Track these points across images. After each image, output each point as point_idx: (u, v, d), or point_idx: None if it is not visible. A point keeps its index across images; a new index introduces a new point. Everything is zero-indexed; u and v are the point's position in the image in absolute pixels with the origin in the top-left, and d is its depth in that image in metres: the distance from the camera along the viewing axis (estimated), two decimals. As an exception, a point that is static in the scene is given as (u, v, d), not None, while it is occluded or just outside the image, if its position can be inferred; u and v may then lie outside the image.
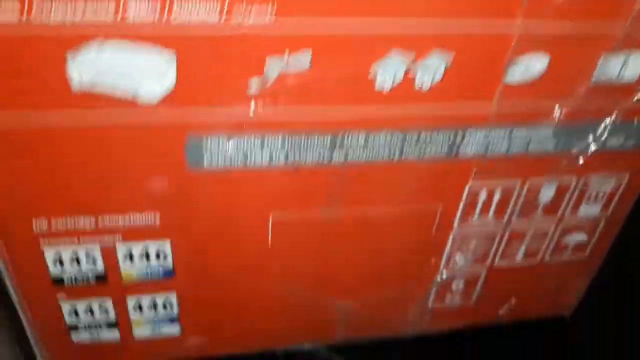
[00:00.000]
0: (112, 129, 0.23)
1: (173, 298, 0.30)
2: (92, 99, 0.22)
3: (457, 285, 0.34)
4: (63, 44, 0.20)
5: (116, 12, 0.20)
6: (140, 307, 0.30)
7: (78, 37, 0.20)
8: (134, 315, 0.31)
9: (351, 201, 0.28)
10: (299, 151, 0.25)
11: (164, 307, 0.31)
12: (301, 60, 0.23)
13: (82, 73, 0.21)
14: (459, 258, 0.32)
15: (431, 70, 0.24)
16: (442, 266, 0.33)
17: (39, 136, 0.23)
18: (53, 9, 0.19)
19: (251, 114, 0.24)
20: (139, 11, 0.20)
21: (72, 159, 0.24)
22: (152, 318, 0.31)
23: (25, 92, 0.21)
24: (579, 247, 0.34)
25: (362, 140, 0.26)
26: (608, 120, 0.28)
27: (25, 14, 0.19)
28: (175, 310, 0.31)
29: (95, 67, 0.21)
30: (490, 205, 0.30)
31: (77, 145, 0.23)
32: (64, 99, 0.22)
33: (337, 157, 0.26)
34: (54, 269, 0.27)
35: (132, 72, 0.22)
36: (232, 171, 0.26)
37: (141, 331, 0.32)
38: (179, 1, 0.20)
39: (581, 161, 0.29)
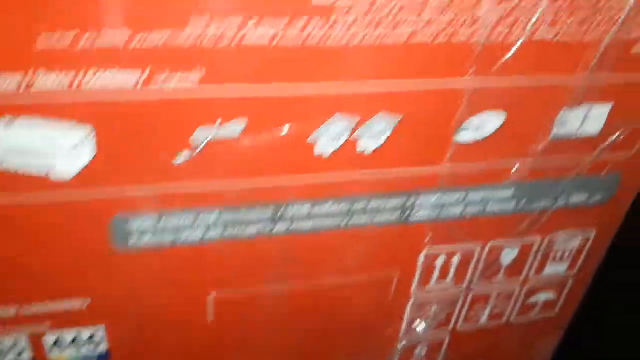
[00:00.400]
0: (28, 209, 0.21)
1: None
2: (3, 179, 0.20)
3: (420, 351, 0.32)
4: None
5: (21, 83, 0.18)
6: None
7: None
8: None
9: (299, 273, 0.26)
10: (236, 225, 0.23)
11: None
12: (233, 128, 0.21)
13: (-17, 153, 0.19)
14: (419, 324, 0.30)
15: (376, 133, 0.22)
16: (402, 333, 0.30)
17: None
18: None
19: (180, 188, 0.22)
20: (46, 80, 0.18)
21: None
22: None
23: None
24: (547, 305, 0.32)
25: (306, 210, 0.24)
26: (570, 177, 0.27)
27: None
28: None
29: (3, 146, 0.19)
30: (448, 270, 0.28)
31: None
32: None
33: (280, 228, 0.24)
34: (-32, 362, 0.24)
35: (45, 149, 0.20)
36: (163, 249, 0.23)
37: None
38: (93, 67, 0.18)
39: (544, 220, 0.28)
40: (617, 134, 0.25)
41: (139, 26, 0.18)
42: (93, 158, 0.20)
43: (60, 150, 0.20)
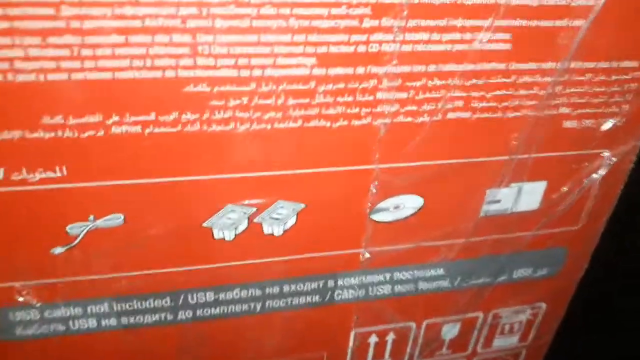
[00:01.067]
0: None
1: None
2: None
3: None
4: None
5: None
6: None
7: None
8: None
9: (217, 357, 0.24)
10: (133, 314, 0.22)
11: None
12: (111, 222, 0.19)
13: None
14: (357, 404, 0.28)
15: (279, 220, 0.20)
16: (341, 412, 0.28)
17: None
18: None
19: (64, 279, 0.20)
20: None
21: None
22: None
23: None
24: (501, 378, 0.30)
25: (211, 298, 0.22)
26: (509, 253, 0.24)
27: None
28: None
29: None
30: (384, 349, 0.26)
31: None
32: None
33: (184, 316, 0.22)
34: None
35: None
36: (55, 338, 0.22)
37: None
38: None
39: (486, 296, 0.26)
40: (557, 209, 0.23)
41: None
42: (-41, 255, 0.18)
43: None
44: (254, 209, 0.20)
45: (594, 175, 0.23)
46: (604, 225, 0.25)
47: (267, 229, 0.21)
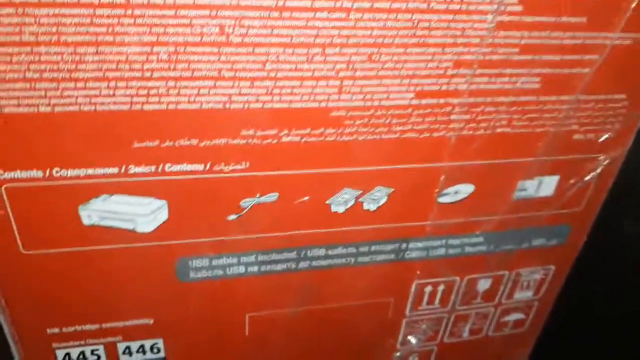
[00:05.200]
0: (116, 252, 0.28)
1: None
2: (99, 231, 0.27)
3: (413, 359, 0.39)
4: (75, 196, 0.26)
5: (120, 167, 0.25)
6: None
7: (87, 190, 0.25)
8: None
9: (316, 299, 0.33)
10: (269, 264, 0.31)
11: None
12: (270, 197, 0.28)
13: (91, 216, 0.26)
14: (412, 338, 0.37)
15: (375, 200, 0.29)
16: (398, 344, 0.38)
17: (57, 260, 0.28)
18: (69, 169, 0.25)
19: (229, 238, 0.29)
20: (137, 169, 0.25)
21: (81, 278, 0.28)
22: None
23: (47, 227, 0.26)
24: (518, 323, 0.39)
25: (322, 253, 0.31)
26: (531, 227, 0.33)
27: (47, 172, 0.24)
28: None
29: (101, 212, 0.26)
30: (435, 297, 0.35)
31: (86, 268, 0.28)
32: (76, 232, 0.27)
33: (302, 266, 0.31)
34: (63, 364, 0.32)
35: (132, 215, 0.27)
36: (215, 281, 0.31)
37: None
38: (173, 160, 0.25)
39: (511, 258, 0.35)
40: (566, 196, 0.32)
41: (204, 136, 0.25)
42: (166, 220, 0.27)
43: (143, 215, 0.27)
44: (360, 192, 0.29)
45: (593, 172, 0.32)
46: (599, 207, 0.34)
47: (366, 206, 0.29)
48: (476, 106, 0.27)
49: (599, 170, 0.32)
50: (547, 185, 0.32)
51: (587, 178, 0.32)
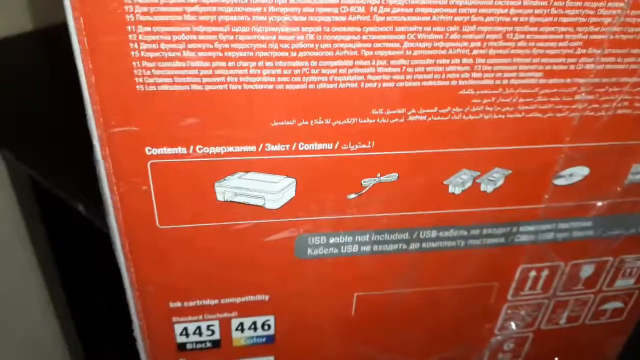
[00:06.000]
0: (244, 228, 0.29)
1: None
2: (231, 207, 0.28)
3: (509, 346, 0.39)
4: (213, 173, 0.27)
5: (257, 146, 0.26)
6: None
7: (225, 168, 0.27)
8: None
9: (423, 281, 0.34)
10: (381, 244, 0.31)
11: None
12: (390, 177, 0.29)
13: (225, 193, 0.28)
14: (511, 324, 0.37)
15: (492, 181, 0.30)
16: (497, 329, 0.38)
17: (188, 236, 0.29)
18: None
19: (347, 217, 0.30)
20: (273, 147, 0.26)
21: (208, 254, 0.30)
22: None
23: (183, 203, 0.28)
24: (616, 312, 0.39)
25: (434, 235, 0.31)
26: (640, 212, 0.33)
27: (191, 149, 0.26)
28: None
29: (235, 189, 0.28)
30: (538, 282, 0.35)
31: (214, 245, 0.29)
32: (209, 208, 0.28)
33: (413, 247, 0.32)
34: (179, 338, 0.33)
35: (262, 192, 0.28)
36: (329, 259, 0.31)
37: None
38: (306, 140, 0.26)
39: (618, 244, 0.34)
40: (682, 179, 0.32)
41: (337, 116, 0.26)
42: (293, 197, 0.28)
43: (273, 192, 0.28)
44: (478, 173, 0.29)
45: None
46: None
47: (483, 187, 0.30)
48: (601, 86, 0.27)
49: None
50: (662, 169, 0.32)
51: (703, 162, 0.32)
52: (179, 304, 0.32)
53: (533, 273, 0.35)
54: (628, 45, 0.26)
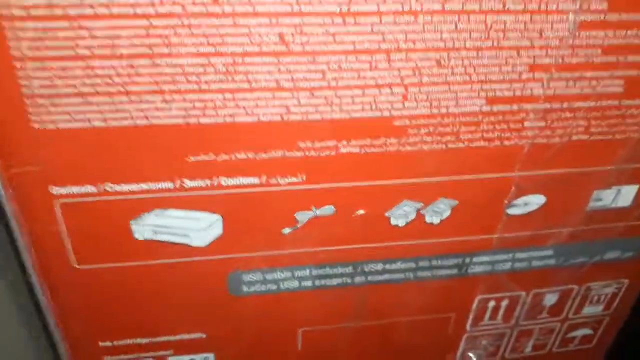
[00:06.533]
0: (169, 267, 0.27)
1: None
2: (153, 245, 0.26)
3: (472, 374, 0.37)
4: (128, 211, 0.25)
5: (174, 182, 0.24)
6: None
7: (140, 205, 0.25)
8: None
9: (373, 314, 0.32)
10: (324, 278, 0.29)
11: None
12: (326, 210, 0.26)
13: (143, 232, 0.26)
14: (471, 354, 0.35)
15: (438, 212, 0.27)
16: (458, 359, 0.36)
17: (110, 275, 0.27)
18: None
19: (283, 252, 0.28)
20: (192, 183, 0.24)
21: (134, 292, 0.28)
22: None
23: (101, 243, 0.26)
24: (585, 339, 0.37)
25: (380, 268, 0.29)
26: (605, 239, 0.31)
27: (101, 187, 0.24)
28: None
29: (154, 227, 0.26)
30: (498, 312, 0.33)
31: (139, 282, 0.27)
32: (129, 247, 0.26)
33: (359, 280, 0.30)
34: (114, 376, 0.32)
35: (186, 229, 0.26)
36: (267, 295, 0.29)
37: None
38: (228, 174, 0.24)
39: (582, 272, 0.32)
40: (646, 206, 0.29)
41: (260, 149, 0.24)
42: (221, 234, 0.26)
43: (198, 230, 0.26)
44: (421, 204, 0.27)
45: (678, 181, 0.29)
46: (682, 219, 0.31)
47: (428, 219, 0.28)
48: (552, 112, 0.25)
49: (684, 179, 0.29)
50: (626, 195, 0.29)
51: (670, 187, 0.29)
52: (109, 343, 0.30)
53: (492, 303, 0.33)
54: (579, 69, 0.24)
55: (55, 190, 0.23)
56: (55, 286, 0.27)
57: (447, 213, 0.28)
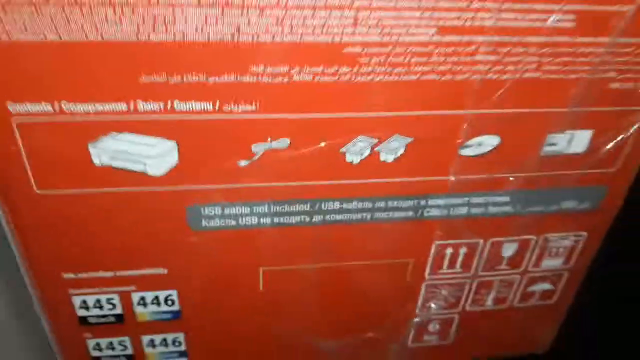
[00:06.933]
0: (128, 196, 0.28)
1: (181, 336, 0.35)
2: (111, 172, 0.27)
3: (434, 327, 0.37)
4: (85, 134, 0.25)
5: (128, 107, 0.25)
6: (153, 344, 0.35)
7: (97, 127, 0.25)
8: (148, 350, 0.35)
9: (331, 256, 0.32)
10: (282, 215, 0.30)
11: (174, 343, 0.35)
12: (281, 144, 0.27)
13: (100, 156, 0.26)
14: (432, 304, 0.35)
15: (393, 150, 0.28)
16: (418, 310, 0.36)
17: (70, 202, 0.27)
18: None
19: (241, 185, 0.28)
20: (146, 106, 0.25)
21: (94, 222, 0.28)
22: (163, 353, 0.36)
23: (60, 166, 0.26)
24: (545, 295, 0.37)
25: (337, 206, 0.30)
26: (561, 187, 0.31)
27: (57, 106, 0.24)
28: (183, 346, 0.35)
29: (111, 152, 0.26)
30: (456, 260, 0.34)
31: (99, 212, 0.28)
32: (88, 173, 0.27)
33: (316, 220, 0.30)
34: (80, 312, 0.32)
35: (141, 156, 0.26)
36: (227, 231, 0.30)
37: (154, 363, 0.36)
38: (181, 97, 0.25)
39: (539, 221, 0.33)
40: (600, 153, 0.30)
41: (213, 71, 0.24)
42: (177, 163, 0.27)
43: (153, 157, 0.26)
44: (376, 140, 0.28)
45: (632, 127, 0.29)
46: (637, 168, 0.31)
47: (382, 157, 0.28)
48: (503, 45, 0.25)
49: (638, 125, 0.29)
50: (579, 141, 0.30)
51: (624, 134, 0.30)
52: (72, 275, 0.30)
53: (450, 250, 0.33)
54: (529, 0, 0.24)
55: (12, 107, 0.24)
56: (18, 211, 0.27)
57: (401, 151, 0.28)
